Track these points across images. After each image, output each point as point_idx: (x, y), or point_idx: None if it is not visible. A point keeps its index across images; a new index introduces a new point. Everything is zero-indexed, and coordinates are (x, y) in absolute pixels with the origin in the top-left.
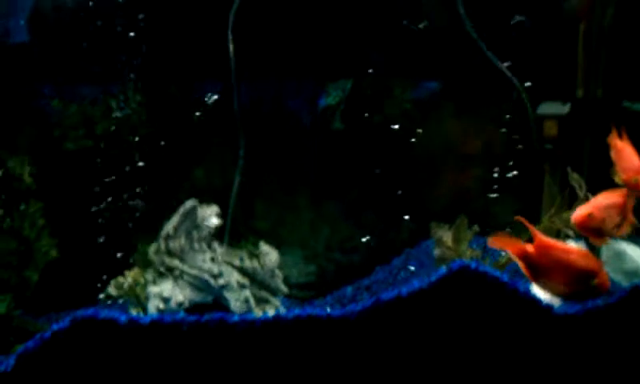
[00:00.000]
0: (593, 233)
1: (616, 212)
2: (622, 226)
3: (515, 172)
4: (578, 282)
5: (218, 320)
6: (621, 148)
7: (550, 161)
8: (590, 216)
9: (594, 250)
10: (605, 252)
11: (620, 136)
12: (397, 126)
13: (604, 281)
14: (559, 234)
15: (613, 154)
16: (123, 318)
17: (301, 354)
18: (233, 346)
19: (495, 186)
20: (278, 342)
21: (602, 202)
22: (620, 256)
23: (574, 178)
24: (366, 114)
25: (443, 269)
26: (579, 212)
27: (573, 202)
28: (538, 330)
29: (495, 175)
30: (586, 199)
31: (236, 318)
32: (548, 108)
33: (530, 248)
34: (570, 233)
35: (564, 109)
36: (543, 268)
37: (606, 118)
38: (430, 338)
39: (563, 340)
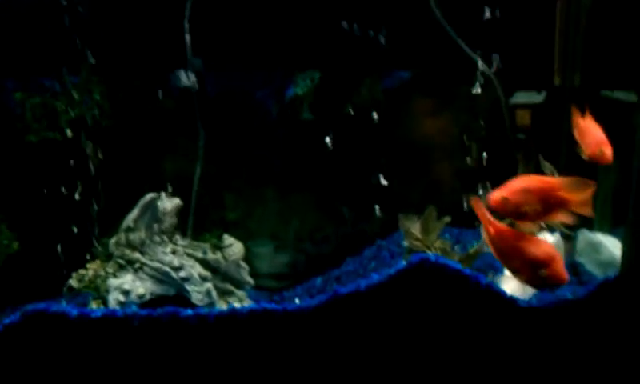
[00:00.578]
0: (514, 216)
1: (535, 197)
2: (554, 213)
3: (487, 162)
4: (530, 271)
5: (170, 314)
6: (583, 125)
7: (522, 151)
8: (504, 199)
9: (569, 240)
10: (580, 242)
11: (583, 116)
12: (367, 116)
13: (556, 272)
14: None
15: (576, 133)
16: (74, 312)
17: (256, 347)
18: (186, 340)
19: (469, 177)
20: (233, 335)
21: (517, 186)
22: (595, 247)
23: (547, 168)
24: (336, 104)
25: (403, 262)
26: (494, 195)
27: None
28: (502, 322)
29: (468, 165)
30: None
31: (189, 311)
32: (522, 97)
33: (492, 229)
34: (543, 225)
35: (537, 98)
36: (503, 253)
37: (584, 106)
38: (389, 332)
39: (529, 333)
